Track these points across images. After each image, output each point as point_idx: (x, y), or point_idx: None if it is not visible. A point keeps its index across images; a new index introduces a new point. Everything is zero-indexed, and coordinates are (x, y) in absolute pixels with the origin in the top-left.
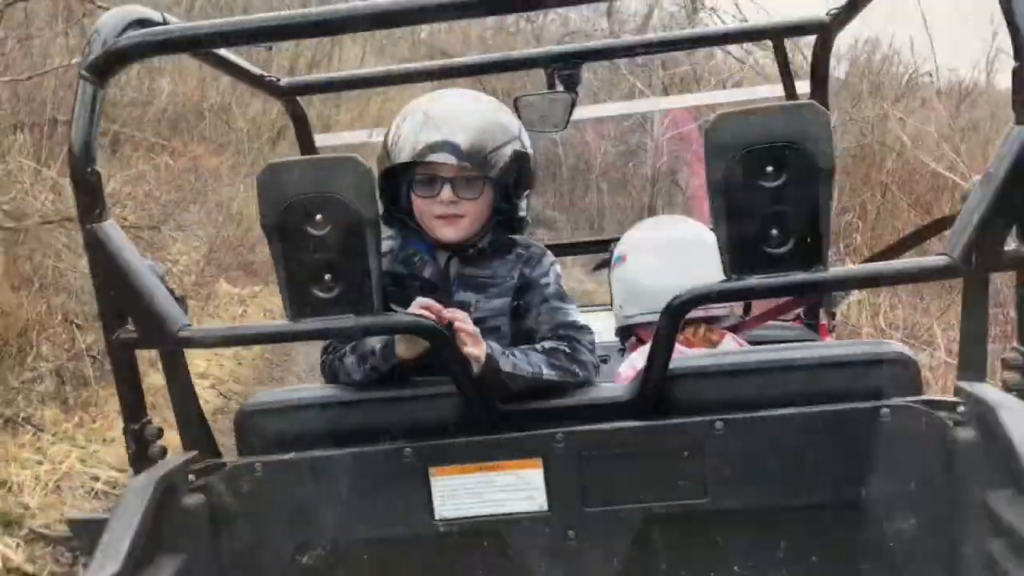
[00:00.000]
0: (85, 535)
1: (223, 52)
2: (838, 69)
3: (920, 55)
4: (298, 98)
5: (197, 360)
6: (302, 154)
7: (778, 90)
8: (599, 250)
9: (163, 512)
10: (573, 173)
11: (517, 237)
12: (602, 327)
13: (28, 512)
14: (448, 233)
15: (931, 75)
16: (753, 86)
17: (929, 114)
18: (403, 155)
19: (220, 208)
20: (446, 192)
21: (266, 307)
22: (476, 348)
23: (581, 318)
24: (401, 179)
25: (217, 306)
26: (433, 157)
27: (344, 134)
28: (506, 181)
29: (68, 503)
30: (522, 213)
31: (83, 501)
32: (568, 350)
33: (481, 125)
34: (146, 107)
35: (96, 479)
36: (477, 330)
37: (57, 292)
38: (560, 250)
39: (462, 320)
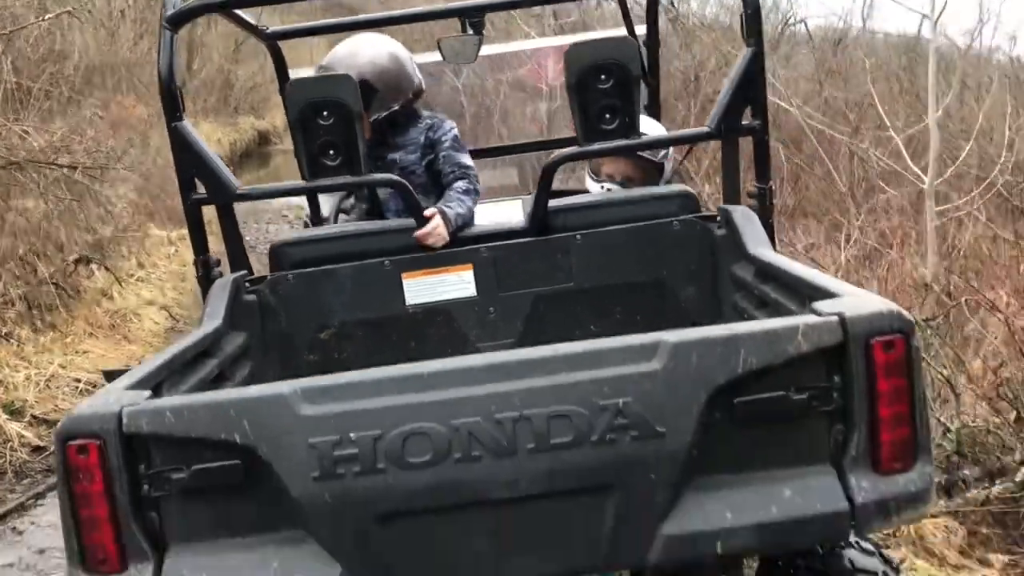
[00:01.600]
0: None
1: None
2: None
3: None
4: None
5: (144, 292)
6: (280, 89)
7: (623, 31)
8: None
9: (232, 304)
10: (475, 121)
11: (426, 113)
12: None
13: (27, 404)
14: None
15: (803, 22)
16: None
17: (799, 59)
18: None
19: (152, 156)
20: None
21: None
22: (437, 234)
23: (471, 162)
24: None
25: (151, 246)
26: None
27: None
28: (385, 98)
29: (59, 398)
30: (385, 113)
31: (72, 397)
32: (471, 185)
33: (367, 58)
34: (64, 62)
35: (78, 381)
36: (438, 225)
37: (9, 234)
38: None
39: (430, 229)
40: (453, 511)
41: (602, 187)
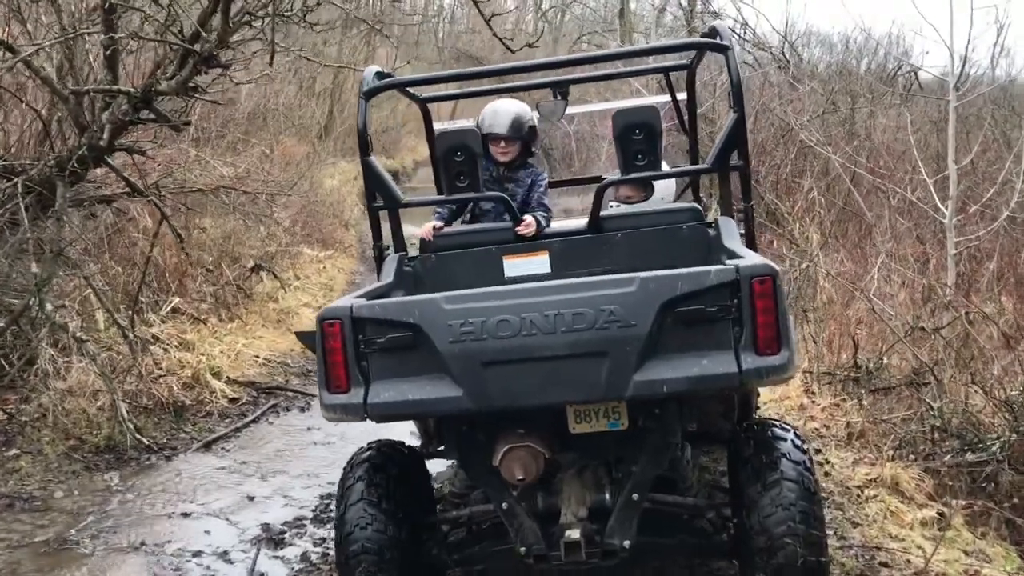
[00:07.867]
0: (307, 339)
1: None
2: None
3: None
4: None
5: (301, 296)
6: (427, 136)
7: (666, 97)
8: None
9: (397, 272)
10: (584, 163)
11: (532, 162)
12: None
13: (223, 369)
14: (502, 159)
15: (914, 72)
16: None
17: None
18: (484, 128)
19: (312, 187)
20: (500, 144)
21: (338, 266)
22: (532, 229)
23: (550, 205)
24: (485, 138)
25: (304, 262)
26: (495, 130)
27: (443, 123)
28: (525, 139)
29: (245, 367)
30: (534, 150)
31: (255, 367)
32: (545, 217)
33: (513, 115)
34: (233, 109)
35: (257, 356)
36: (532, 223)
37: (199, 248)
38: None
39: (527, 224)
40: (521, 362)
41: (612, 204)
